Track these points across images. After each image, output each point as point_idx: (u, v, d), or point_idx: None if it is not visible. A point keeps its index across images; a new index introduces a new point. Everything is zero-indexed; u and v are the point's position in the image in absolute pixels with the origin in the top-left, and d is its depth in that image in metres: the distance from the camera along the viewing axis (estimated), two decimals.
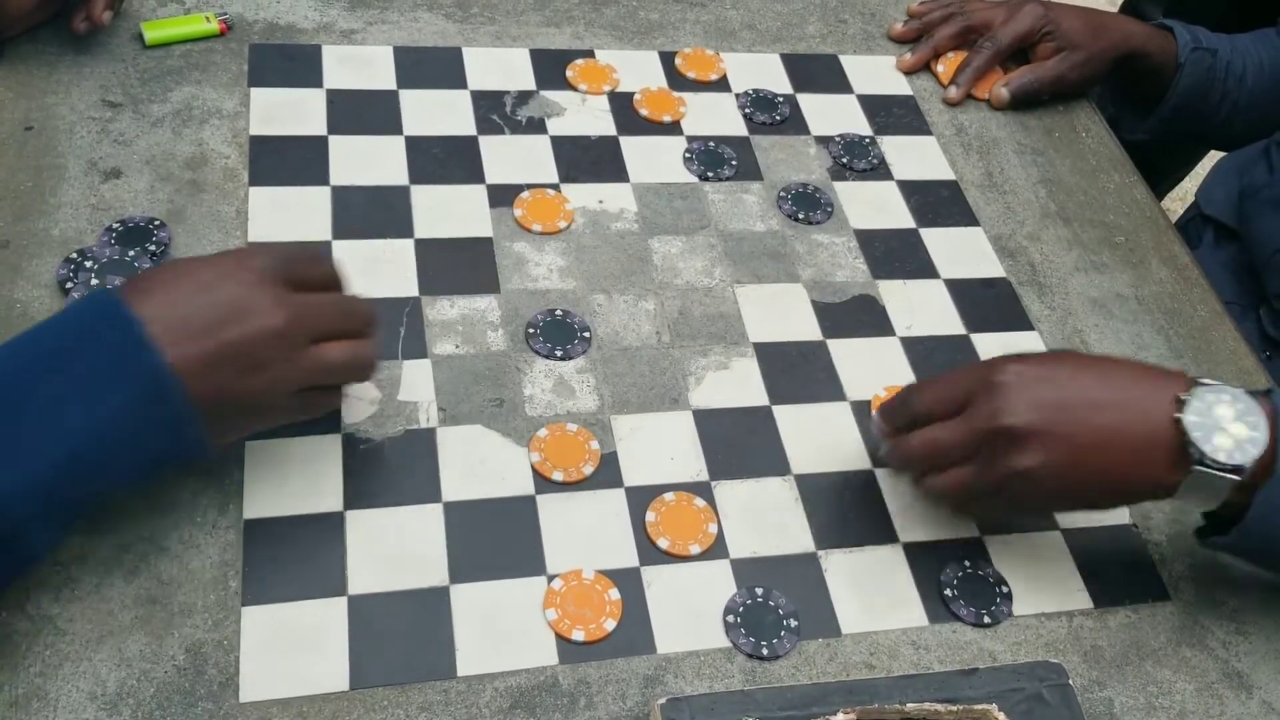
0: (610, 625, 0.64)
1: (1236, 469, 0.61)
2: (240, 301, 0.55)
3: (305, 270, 0.59)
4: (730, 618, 0.65)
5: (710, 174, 0.91)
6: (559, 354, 0.76)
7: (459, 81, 0.93)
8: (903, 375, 0.80)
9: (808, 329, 0.82)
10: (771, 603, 0.66)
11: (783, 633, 0.65)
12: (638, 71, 0.97)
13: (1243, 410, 0.62)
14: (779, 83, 1.00)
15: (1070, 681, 0.63)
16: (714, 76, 0.99)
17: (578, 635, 0.63)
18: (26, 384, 0.52)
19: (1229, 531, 0.64)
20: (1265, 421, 0.62)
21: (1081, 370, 0.66)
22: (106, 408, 0.53)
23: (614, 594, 0.65)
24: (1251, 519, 0.62)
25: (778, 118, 0.96)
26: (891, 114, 1.00)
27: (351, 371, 0.62)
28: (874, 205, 0.91)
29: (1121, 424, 0.63)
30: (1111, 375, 0.66)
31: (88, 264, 0.73)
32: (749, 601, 0.66)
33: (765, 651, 0.64)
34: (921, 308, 0.85)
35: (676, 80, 0.98)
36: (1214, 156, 1.43)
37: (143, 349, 0.53)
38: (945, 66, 1.04)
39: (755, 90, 0.98)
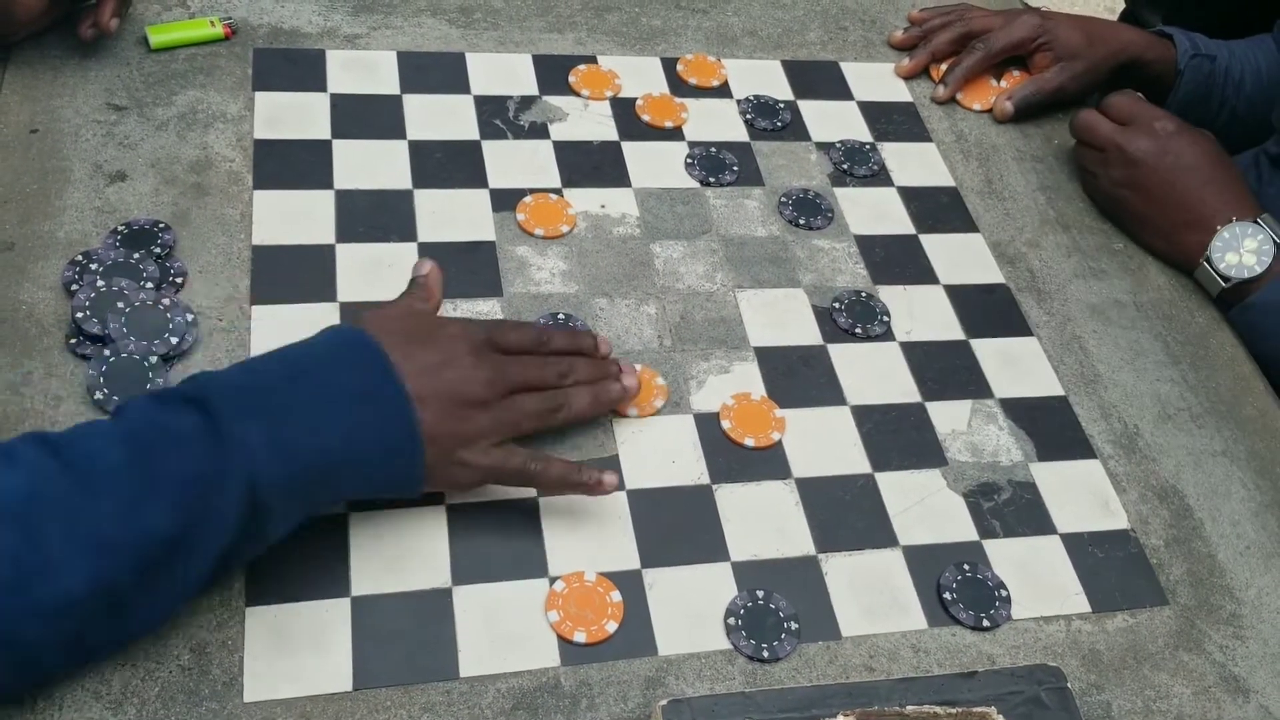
0: (612, 627, 0.64)
1: (1224, 277, 0.88)
2: (459, 355, 0.65)
3: (503, 337, 0.68)
4: (731, 620, 0.66)
5: (712, 179, 0.91)
6: None
7: (462, 86, 0.93)
8: (903, 380, 0.80)
9: (808, 334, 0.82)
10: (772, 605, 0.66)
11: (783, 635, 0.66)
12: (640, 77, 0.98)
13: (1263, 249, 0.87)
14: (780, 89, 1.00)
15: (1068, 685, 0.63)
16: (715, 83, 0.99)
17: (579, 637, 0.64)
18: (290, 391, 0.59)
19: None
20: (1270, 263, 0.86)
21: (1205, 157, 0.91)
22: (358, 422, 0.60)
23: (615, 596, 0.65)
24: (1236, 310, 0.89)
25: (779, 124, 0.97)
26: (892, 120, 1.00)
27: (542, 414, 0.68)
28: (874, 211, 0.92)
29: (1193, 202, 0.90)
30: (1220, 176, 0.90)
31: (93, 266, 0.74)
32: (750, 604, 0.66)
33: (766, 654, 0.65)
34: (921, 313, 0.85)
35: (678, 86, 0.98)
36: None
37: (389, 377, 0.61)
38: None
39: (756, 96, 0.99)
